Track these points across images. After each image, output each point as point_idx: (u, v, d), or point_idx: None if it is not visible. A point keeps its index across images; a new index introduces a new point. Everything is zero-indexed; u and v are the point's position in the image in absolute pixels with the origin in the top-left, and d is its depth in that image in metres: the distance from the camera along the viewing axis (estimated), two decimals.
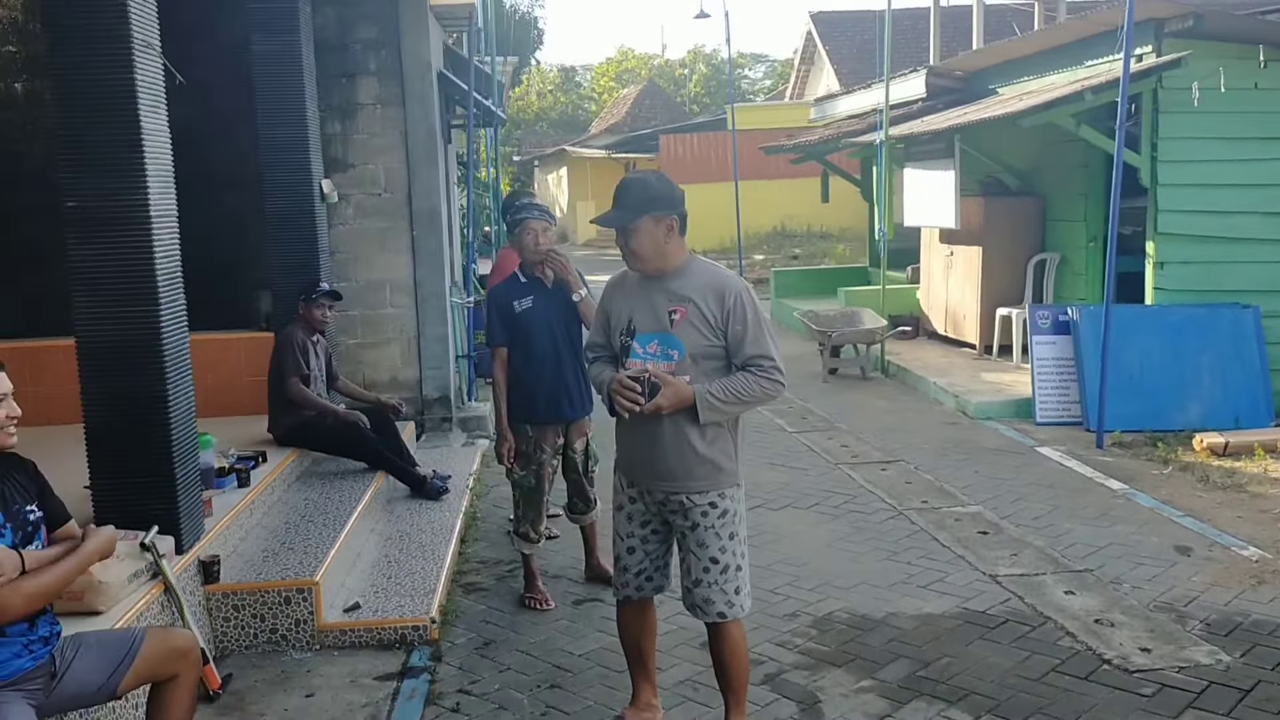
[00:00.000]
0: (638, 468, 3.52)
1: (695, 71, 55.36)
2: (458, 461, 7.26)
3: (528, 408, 4.85)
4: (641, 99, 39.83)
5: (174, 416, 4.33)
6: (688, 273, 3.41)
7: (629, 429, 3.48)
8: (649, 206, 3.36)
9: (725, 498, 3.43)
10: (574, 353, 4.93)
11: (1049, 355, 8.25)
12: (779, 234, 24.35)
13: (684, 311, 3.35)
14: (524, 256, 4.85)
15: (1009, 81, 10.65)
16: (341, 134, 7.86)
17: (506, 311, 4.82)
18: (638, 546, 3.61)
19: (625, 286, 3.56)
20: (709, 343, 3.34)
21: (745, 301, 3.35)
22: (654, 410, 3.30)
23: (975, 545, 5.52)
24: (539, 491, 4.92)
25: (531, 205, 4.95)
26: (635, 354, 3.41)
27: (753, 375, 3.32)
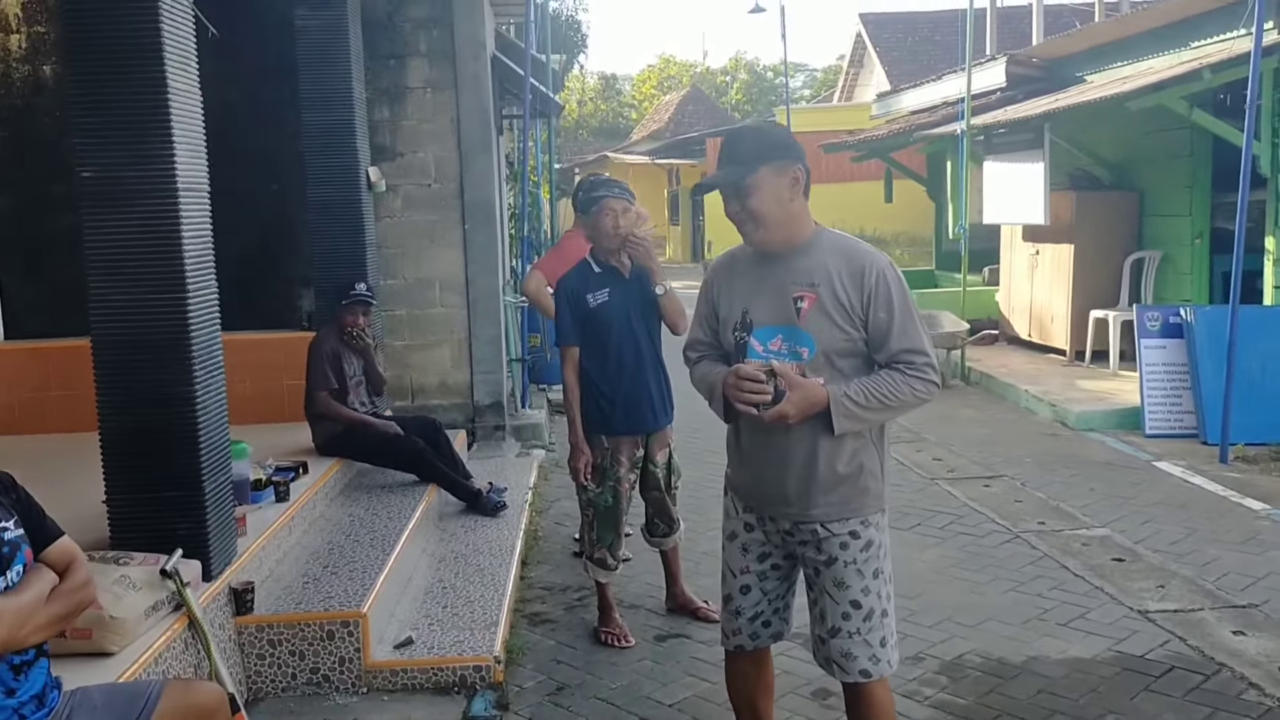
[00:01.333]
0: (758, 489, 2.84)
1: (736, 79, 54.78)
2: (513, 473, 6.65)
3: (603, 416, 4.22)
4: (684, 105, 39.26)
5: (203, 422, 3.74)
6: (815, 248, 2.70)
7: (747, 441, 2.84)
8: (768, 155, 2.66)
9: (869, 526, 2.76)
10: (655, 352, 4.31)
11: (1159, 361, 7.51)
12: None
13: (813, 298, 2.66)
14: (599, 242, 4.22)
15: (1099, 68, 9.92)
16: (389, 120, 7.31)
17: (579, 305, 4.19)
18: (754, 585, 2.91)
19: (736, 268, 2.86)
20: (846, 336, 2.65)
21: (890, 282, 2.64)
22: (778, 418, 2.62)
23: (1112, 575, 4.82)
24: (617, 511, 4.29)
25: (610, 182, 4.33)
26: (754, 353, 2.73)
27: (901, 374, 2.64)
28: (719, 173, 2.70)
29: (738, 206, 2.67)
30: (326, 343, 5.56)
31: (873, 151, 13.34)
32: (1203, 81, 7.18)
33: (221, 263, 4.01)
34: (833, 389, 2.63)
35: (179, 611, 3.48)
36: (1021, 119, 8.98)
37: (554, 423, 8.32)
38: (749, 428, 2.80)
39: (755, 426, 2.74)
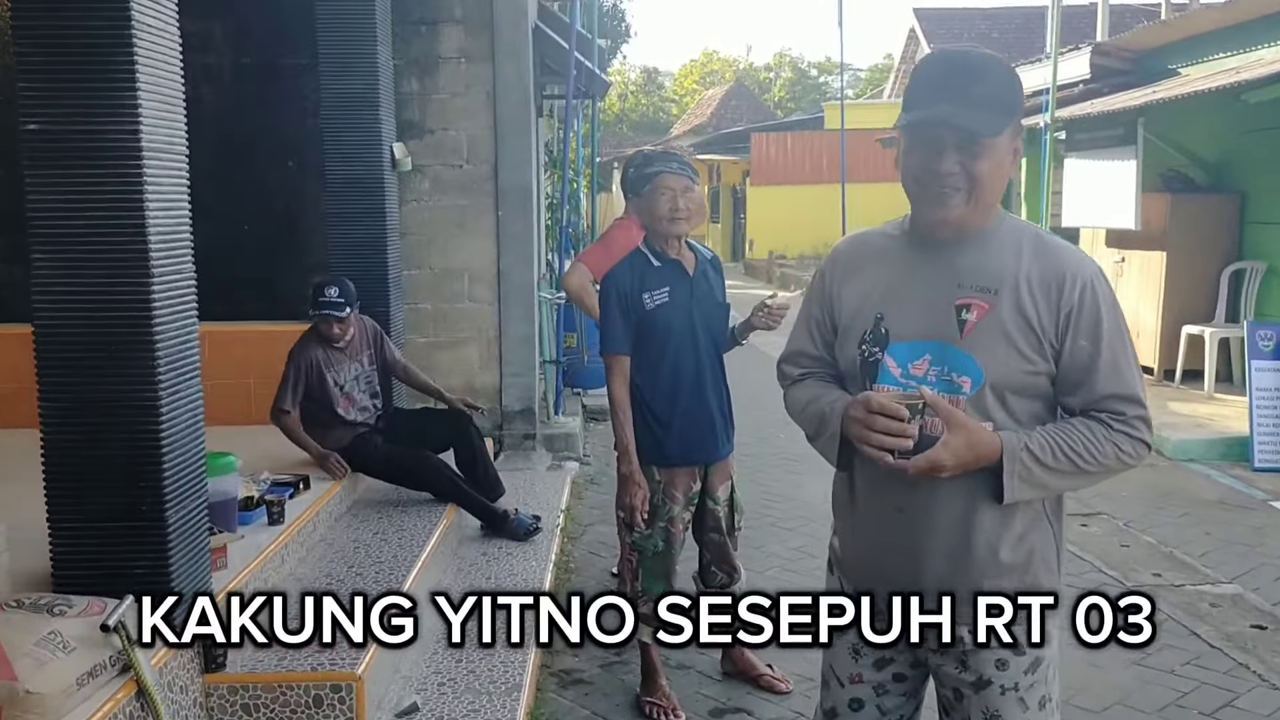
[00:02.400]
0: (879, 572, 2.08)
1: (780, 76, 53.92)
2: (543, 489, 5.94)
3: (655, 443, 3.48)
4: (727, 100, 38.50)
5: (169, 434, 3.04)
6: (996, 240, 1.95)
7: (867, 502, 2.07)
8: (1016, 108, 1.92)
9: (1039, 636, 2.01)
10: (719, 366, 3.59)
11: (1272, 385, 6.68)
12: None
13: (985, 309, 1.91)
14: (654, 228, 3.48)
15: (1195, 60, 9.05)
16: (418, 93, 6.61)
17: (632, 306, 3.45)
18: (868, 700, 2.16)
19: (868, 257, 2.09)
20: (1029, 367, 1.90)
21: (1101, 299, 1.91)
22: (927, 470, 1.84)
23: (1255, 647, 4.03)
24: (669, 558, 3.55)
25: (666, 156, 3.56)
26: (888, 377, 1.97)
27: (1105, 427, 1.89)
28: (950, 109, 1.83)
29: (956, 166, 1.86)
30: (306, 353, 4.81)
31: None
32: None
33: (230, 248, 3.32)
34: (1008, 438, 1.87)
35: (126, 675, 2.79)
36: (1114, 112, 8.15)
37: (589, 432, 7.60)
38: (872, 482, 2.04)
39: (881, 482, 1.99)
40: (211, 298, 3.87)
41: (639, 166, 3.54)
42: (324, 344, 4.81)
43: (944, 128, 1.85)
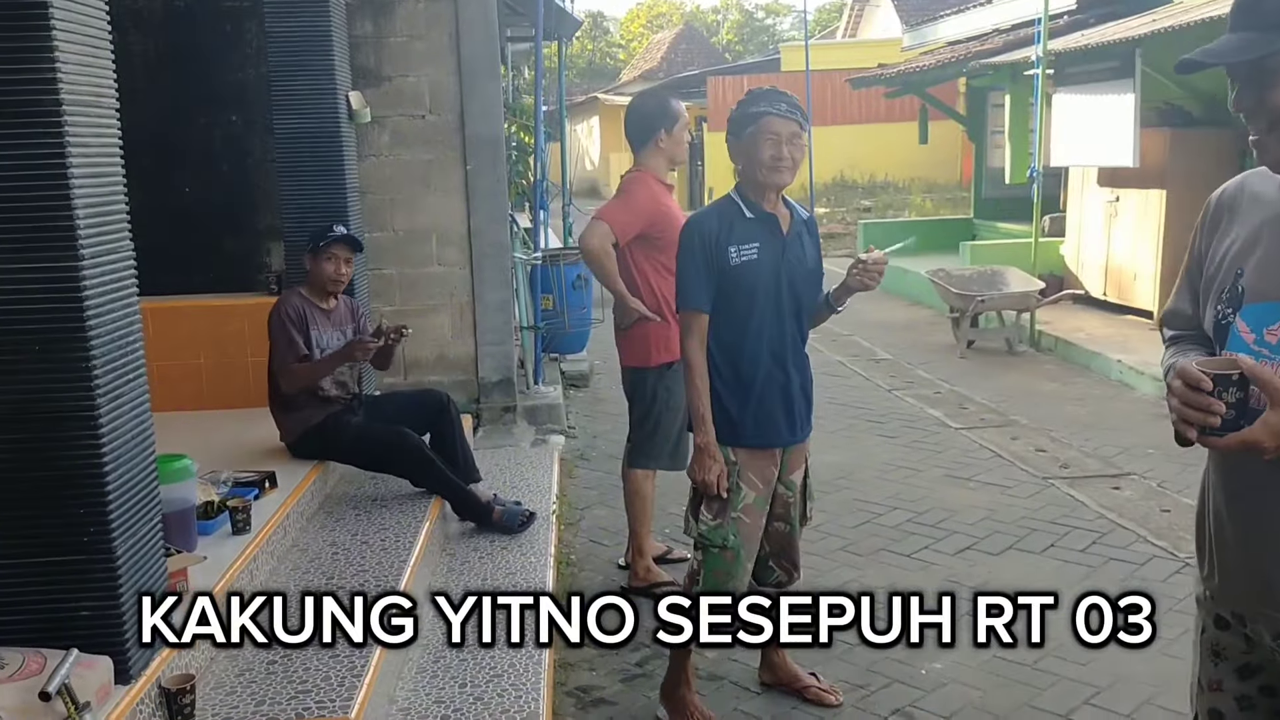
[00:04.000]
0: (1232, 569, 1.79)
1: (727, 18, 53.06)
2: (529, 469, 5.45)
3: (730, 420, 3.04)
4: (677, 44, 37.72)
5: (111, 446, 2.51)
6: None
7: (1222, 489, 1.79)
8: None
9: None
10: (803, 337, 3.14)
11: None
12: (839, 185, 22.26)
13: None
14: (754, 177, 2.99)
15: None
16: (374, 36, 5.99)
17: (717, 258, 2.99)
18: (1230, 713, 1.85)
19: (1245, 200, 1.78)
20: None
21: None
22: (1240, 447, 1.57)
23: None
24: (743, 557, 3.08)
25: (774, 94, 3.01)
26: (1238, 341, 1.69)
27: None
28: (1226, 39, 1.62)
29: (1251, 99, 1.61)
30: (289, 303, 4.30)
31: (910, 86, 12.01)
32: None
33: (172, 213, 2.77)
34: None
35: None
36: (1111, 43, 7.71)
37: (570, 401, 7.11)
38: (1228, 468, 1.76)
39: (1237, 467, 1.73)
40: (153, 270, 3.34)
41: (742, 106, 3.04)
42: (308, 301, 4.30)
43: (1234, 64, 1.61)
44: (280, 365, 4.23)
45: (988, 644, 3.53)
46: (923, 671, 3.46)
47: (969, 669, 3.47)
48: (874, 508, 5.02)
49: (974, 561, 4.35)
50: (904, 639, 3.54)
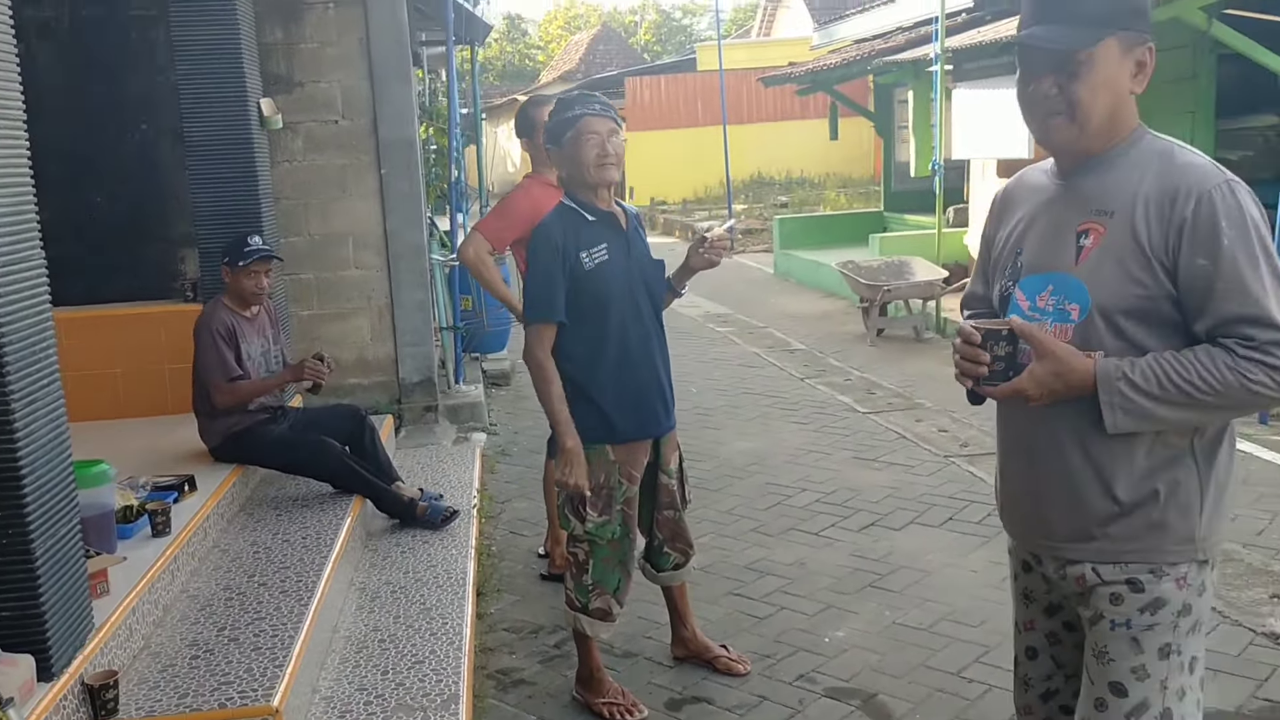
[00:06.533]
0: (1015, 513, 2.06)
1: (645, 19, 53.32)
2: (452, 466, 5.55)
3: (606, 420, 3.14)
4: (595, 45, 37.76)
5: (27, 452, 2.58)
6: (1126, 158, 1.85)
7: (1002, 443, 2.07)
8: (1122, 17, 1.81)
9: (1162, 579, 1.86)
10: (662, 328, 3.28)
11: None
12: (757, 182, 22.59)
13: (1100, 232, 1.83)
14: (581, 178, 3.11)
15: None
16: (283, 43, 6.03)
17: (569, 266, 3.07)
18: (1041, 649, 2.11)
19: (1023, 192, 2.05)
20: (1140, 290, 1.80)
21: (1220, 211, 1.74)
22: (1011, 394, 1.85)
23: None
24: (626, 544, 3.24)
25: (587, 98, 3.17)
26: (1016, 308, 1.94)
27: (1228, 354, 1.75)
28: (1039, 29, 1.83)
29: (1053, 88, 1.82)
30: (216, 318, 4.36)
31: (820, 83, 12.31)
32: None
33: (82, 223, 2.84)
34: (1104, 365, 1.79)
35: None
36: (1004, 39, 8.03)
37: (492, 399, 7.22)
38: (1004, 421, 2.04)
39: (1011, 420, 2.00)
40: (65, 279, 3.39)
41: (558, 113, 3.15)
42: (233, 313, 4.37)
43: (1030, 50, 1.84)
44: (214, 382, 4.27)
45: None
46: (826, 640, 3.65)
47: (869, 635, 3.67)
48: (784, 490, 5.22)
49: (877, 537, 4.57)
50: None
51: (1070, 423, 1.86)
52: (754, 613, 3.89)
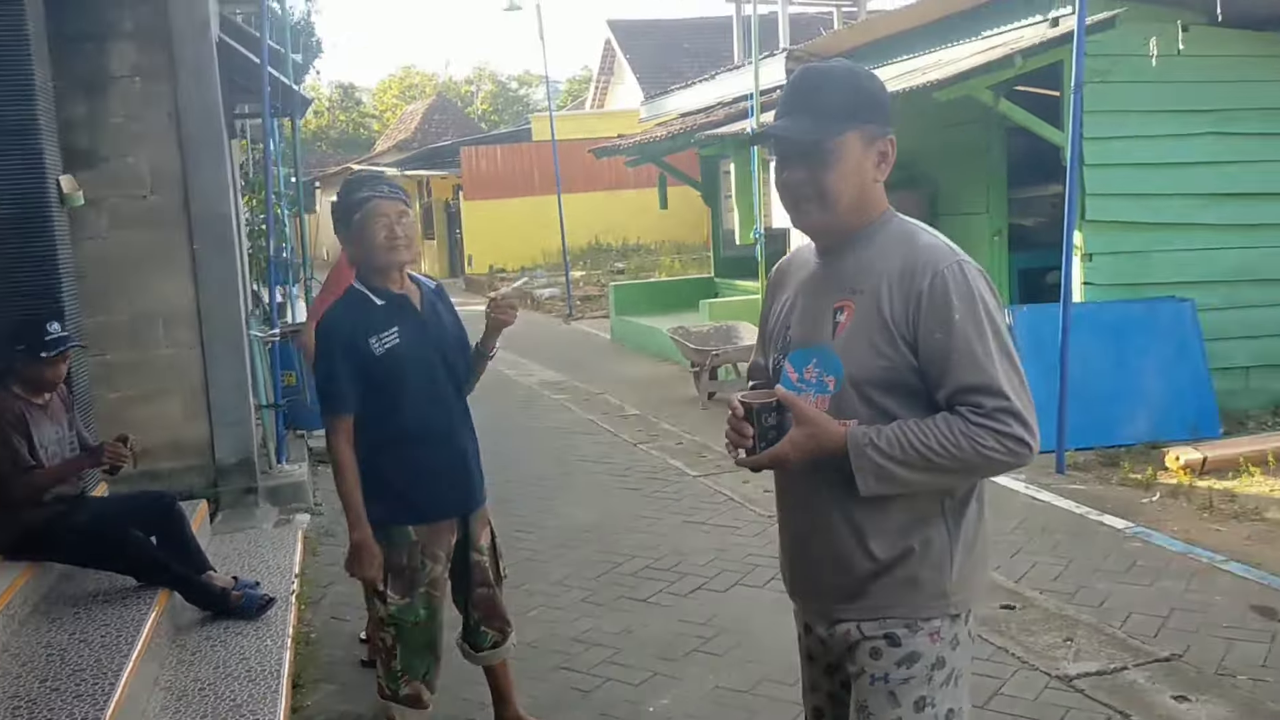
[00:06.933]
0: (794, 575, 2.17)
1: (481, 89, 53.70)
2: (271, 551, 5.35)
3: (409, 501, 3.09)
4: (431, 114, 37.81)
5: None
6: (876, 240, 2.01)
7: (779, 507, 2.18)
8: (863, 113, 1.97)
9: (917, 633, 1.97)
10: (465, 406, 3.27)
11: None
12: (596, 249, 22.93)
13: (851, 308, 1.98)
14: (371, 260, 3.08)
15: (881, 62, 9.56)
16: (88, 117, 5.83)
17: (359, 354, 3.01)
18: (826, 710, 2.18)
19: (792, 269, 2.19)
20: (885, 362, 1.93)
21: (954, 288, 1.89)
22: (772, 462, 1.96)
23: (1009, 628, 4.15)
24: (434, 627, 3.18)
25: (375, 179, 3.18)
26: (786, 381, 2.05)
27: (963, 421, 1.87)
28: (788, 122, 1.98)
29: (804, 175, 1.97)
30: (5, 407, 4.12)
31: (648, 155, 12.64)
32: (1014, 68, 6.81)
33: None
34: (854, 432, 1.91)
35: None
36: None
37: (317, 477, 7.02)
38: (780, 488, 2.15)
39: (785, 486, 2.12)
40: None
41: (345, 193, 3.12)
42: (23, 400, 4.13)
43: (782, 141, 1.99)
44: (5, 476, 4.02)
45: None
46: (650, 709, 3.67)
47: (693, 701, 3.71)
48: (615, 558, 5.24)
49: (703, 600, 4.63)
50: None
51: (833, 487, 1.96)
52: (581, 686, 3.88)
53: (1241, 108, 7.42)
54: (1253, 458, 6.11)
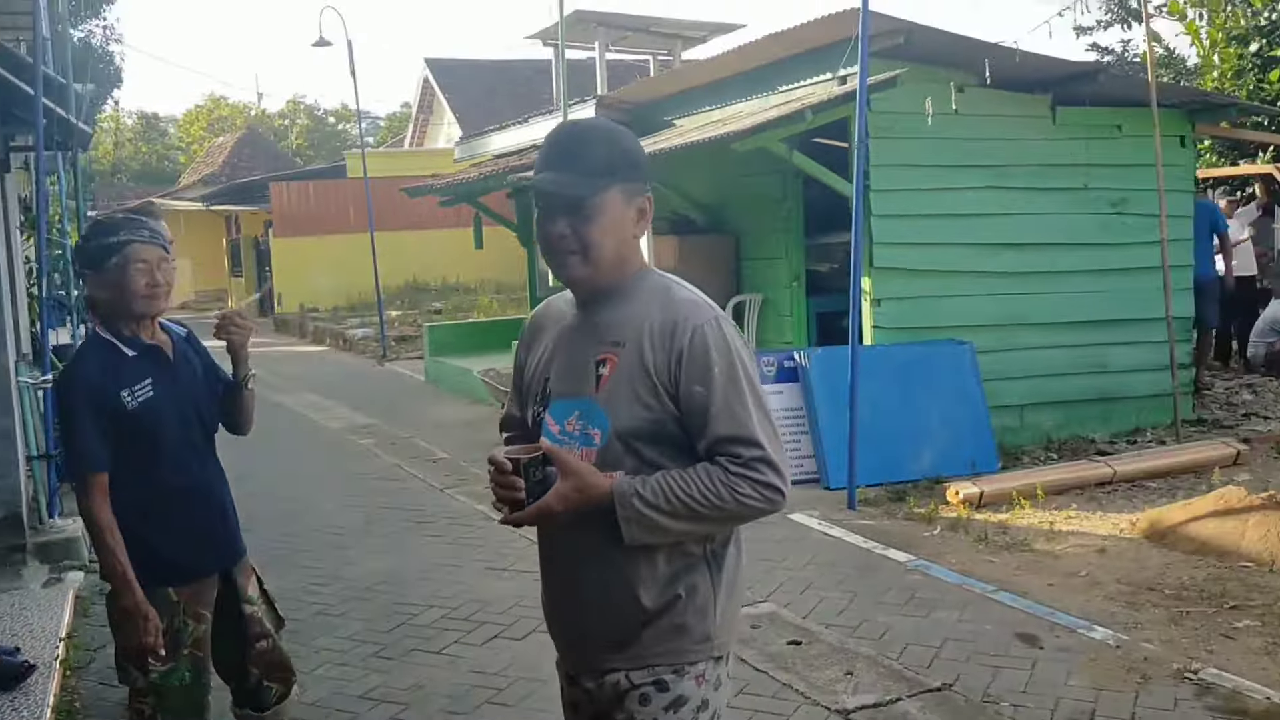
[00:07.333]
0: (559, 625, 2.20)
1: (296, 123, 52.32)
2: (37, 613, 5.00)
3: (166, 561, 2.93)
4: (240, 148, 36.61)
5: None
6: (635, 293, 2.07)
7: (543, 558, 2.19)
8: (623, 170, 2.04)
9: (684, 677, 2.03)
10: (217, 456, 3.14)
11: (777, 406, 7.30)
12: (413, 288, 22.56)
13: (614, 361, 2.03)
14: (126, 309, 2.90)
15: (687, 112, 9.85)
16: None
17: (111, 409, 2.84)
18: None
19: (549, 320, 2.22)
20: (649, 415, 1.99)
21: (712, 343, 1.98)
22: (537, 516, 1.97)
23: (794, 663, 4.27)
24: (200, 689, 3.01)
25: (133, 223, 2.94)
26: (549, 433, 2.09)
27: (723, 470, 1.95)
28: (552, 175, 2.01)
29: (567, 229, 2.01)
30: None
31: (461, 195, 12.55)
32: (805, 122, 7.10)
33: None
34: (620, 483, 1.95)
35: None
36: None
37: None
38: (544, 537, 2.15)
39: (549, 536, 2.12)
40: None
41: (100, 236, 2.92)
42: None
43: (546, 194, 2.00)
44: None
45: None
46: None
47: None
48: (411, 609, 5.12)
49: (499, 649, 4.58)
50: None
51: (599, 537, 1.98)
52: None
53: (1013, 164, 7.97)
54: (1024, 491, 6.52)
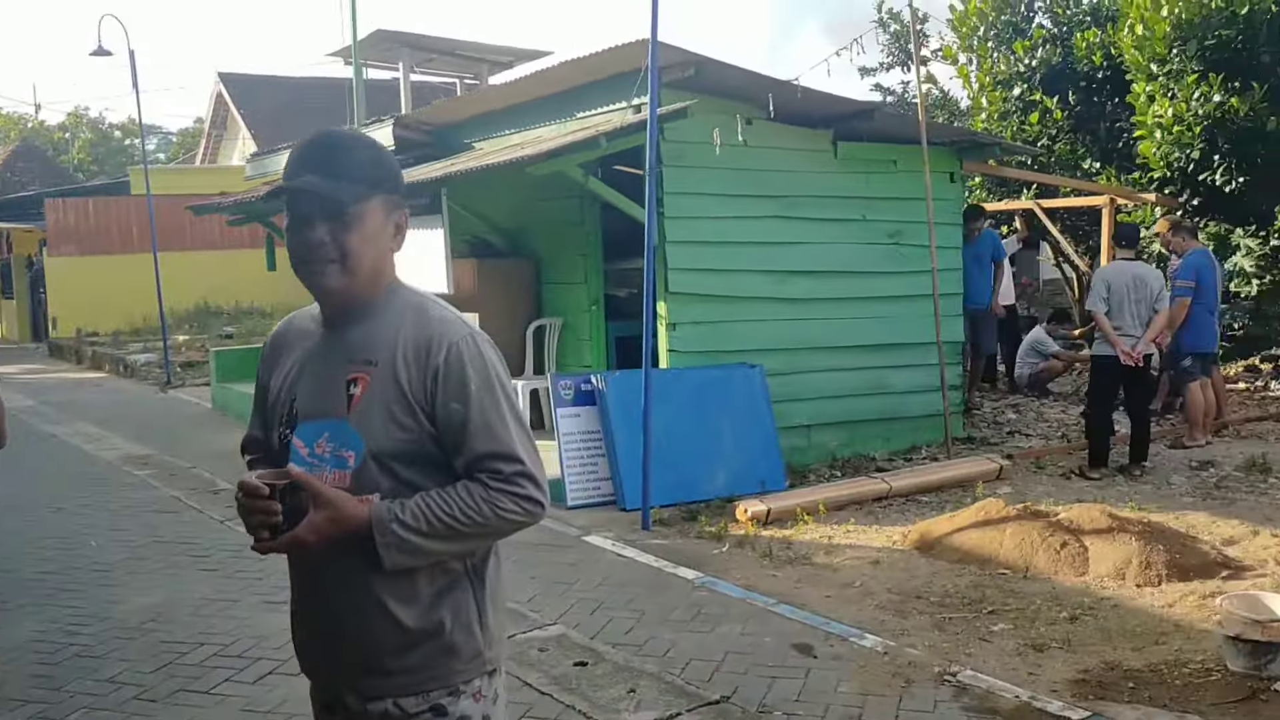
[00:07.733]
0: (315, 654, 2.09)
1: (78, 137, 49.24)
2: None
3: None
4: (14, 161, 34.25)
5: None
6: (386, 310, 2.02)
7: (296, 585, 2.10)
8: (385, 181, 2.01)
9: (461, 697, 1.99)
10: None
11: (575, 429, 7.34)
12: (203, 311, 21.50)
13: (366, 381, 1.96)
14: None
15: (488, 135, 9.82)
16: None
17: None
18: None
19: (291, 337, 2.13)
20: (406, 435, 1.95)
21: (468, 360, 1.96)
22: (292, 543, 1.90)
23: (580, 685, 4.27)
24: None
25: None
26: (297, 456, 2.00)
27: (483, 487, 1.93)
28: (314, 179, 1.91)
29: (326, 236, 1.93)
30: None
31: (251, 214, 12.07)
32: (600, 149, 7.19)
33: None
34: (378, 508, 1.90)
35: None
36: (418, 182, 8.47)
37: None
38: (296, 564, 2.06)
39: (302, 562, 2.03)
40: None
41: None
42: None
43: (309, 196, 1.91)
44: None
45: None
46: None
47: None
48: (180, 647, 4.84)
49: (273, 685, 4.38)
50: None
51: (356, 563, 1.92)
52: None
53: (799, 194, 8.31)
54: (808, 507, 6.76)
